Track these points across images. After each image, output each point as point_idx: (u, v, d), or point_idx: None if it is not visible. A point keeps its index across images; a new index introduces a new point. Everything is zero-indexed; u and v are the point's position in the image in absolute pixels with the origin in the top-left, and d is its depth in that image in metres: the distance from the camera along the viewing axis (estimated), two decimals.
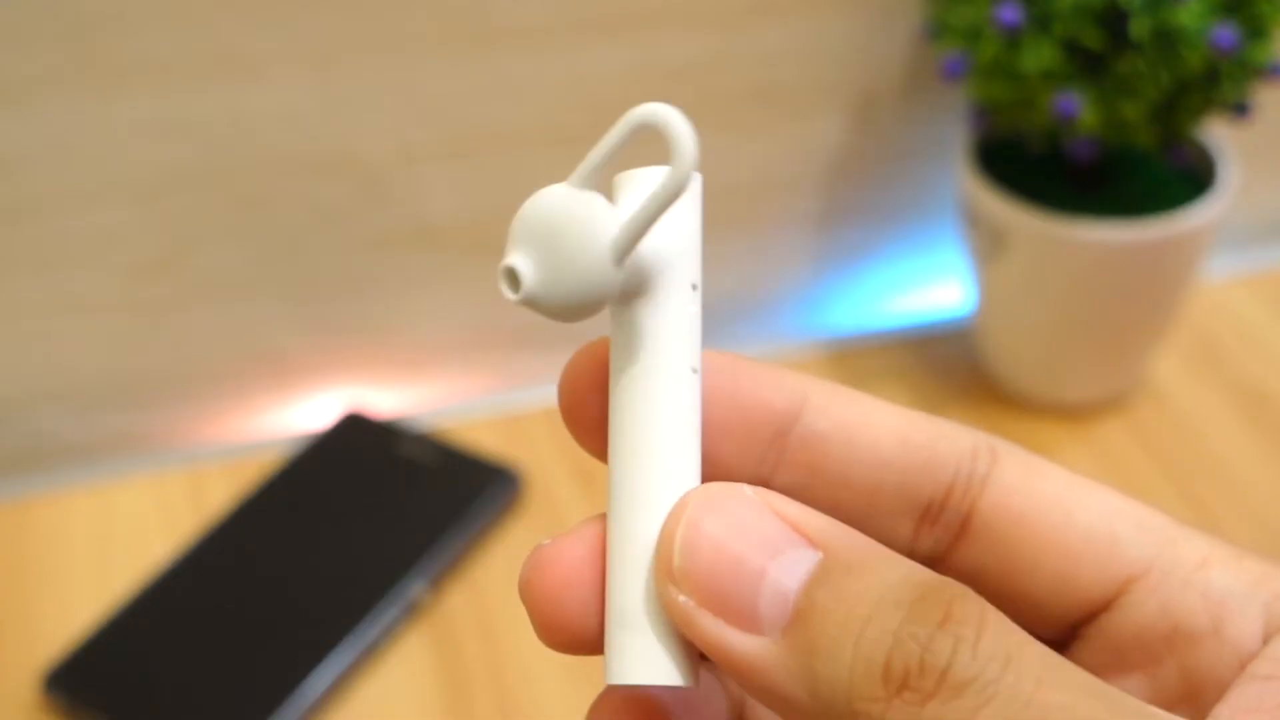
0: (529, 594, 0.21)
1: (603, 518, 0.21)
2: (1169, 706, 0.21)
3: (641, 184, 0.20)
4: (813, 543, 0.19)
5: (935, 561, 0.23)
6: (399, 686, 0.51)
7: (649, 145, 0.20)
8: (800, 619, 0.18)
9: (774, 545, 0.19)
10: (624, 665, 0.20)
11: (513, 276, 0.20)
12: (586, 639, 0.21)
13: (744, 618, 0.19)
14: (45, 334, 0.59)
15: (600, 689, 0.22)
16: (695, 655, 0.20)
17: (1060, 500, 0.22)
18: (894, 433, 0.22)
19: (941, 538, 0.22)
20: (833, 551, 0.19)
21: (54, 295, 0.58)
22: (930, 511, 0.22)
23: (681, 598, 0.19)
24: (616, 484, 0.20)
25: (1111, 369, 0.62)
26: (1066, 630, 0.22)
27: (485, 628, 0.53)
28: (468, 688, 0.51)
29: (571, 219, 0.19)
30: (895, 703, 0.17)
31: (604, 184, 0.21)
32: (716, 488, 0.20)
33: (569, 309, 0.20)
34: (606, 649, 0.20)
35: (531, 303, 0.20)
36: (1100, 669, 0.22)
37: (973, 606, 0.18)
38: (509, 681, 0.51)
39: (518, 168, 0.60)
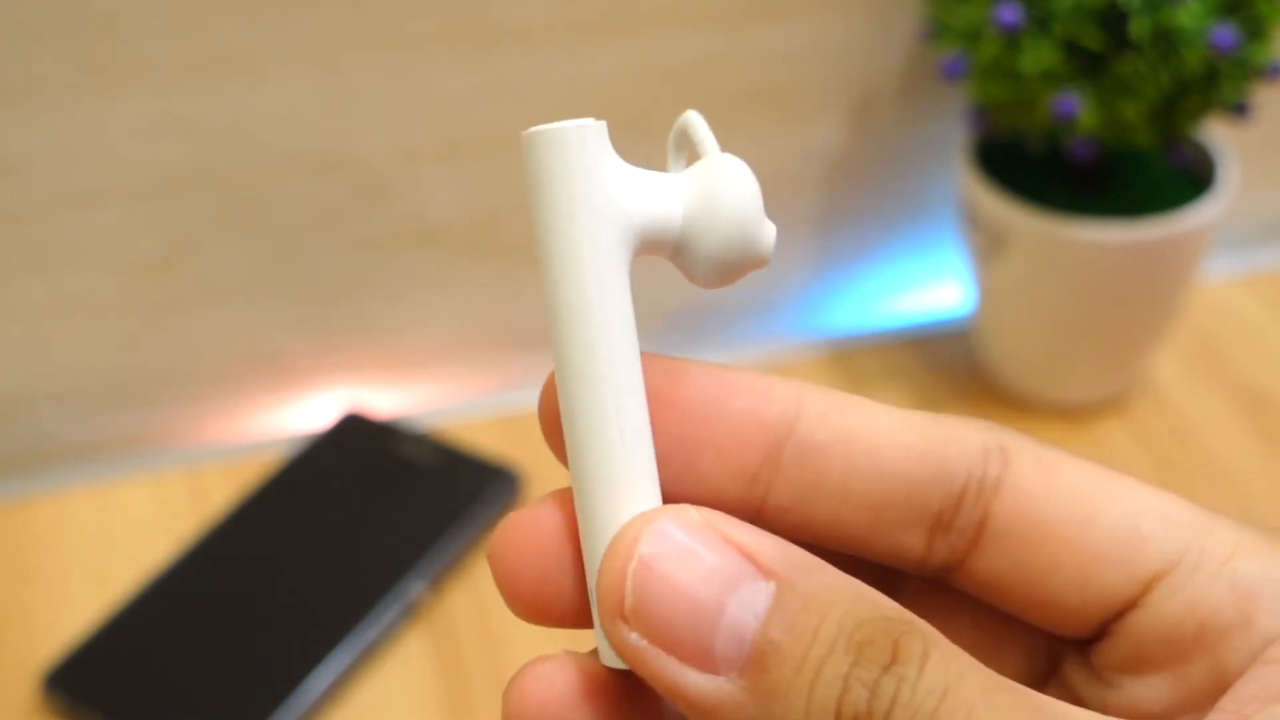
0: (493, 561, 0.21)
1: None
2: (1197, 706, 0.21)
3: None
4: (764, 571, 0.18)
5: (951, 570, 0.22)
6: (398, 686, 0.51)
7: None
8: (757, 661, 0.18)
9: (728, 578, 0.18)
10: (605, 649, 0.20)
11: None
12: (553, 610, 0.21)
13: (699, 657, 0.18)
14: (45, 334, 0.59)
15: None
16: None
17: (1081, 499, 0.21)
18: (896, 439, 0.21)
19: (957, 545, 0.21)
20: (786, 582, 0.18)
21: (54, 295, 0.58)
22: (942, 520, 0.21)
23: (634, 637, 0.18)
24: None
25: (1111, 369, 0.62)
26: (1095, 628, 0.22)
27: (485, 628, 0.53)
28: (467, 688, 0.51)
29: None
30: None
31: None
32: (662, 516, 0.19)
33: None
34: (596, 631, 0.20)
35: None
36: (1126, 668, 0.21)
37: (917, 642, 0.18)
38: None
39: (518, 168, 0.59)
